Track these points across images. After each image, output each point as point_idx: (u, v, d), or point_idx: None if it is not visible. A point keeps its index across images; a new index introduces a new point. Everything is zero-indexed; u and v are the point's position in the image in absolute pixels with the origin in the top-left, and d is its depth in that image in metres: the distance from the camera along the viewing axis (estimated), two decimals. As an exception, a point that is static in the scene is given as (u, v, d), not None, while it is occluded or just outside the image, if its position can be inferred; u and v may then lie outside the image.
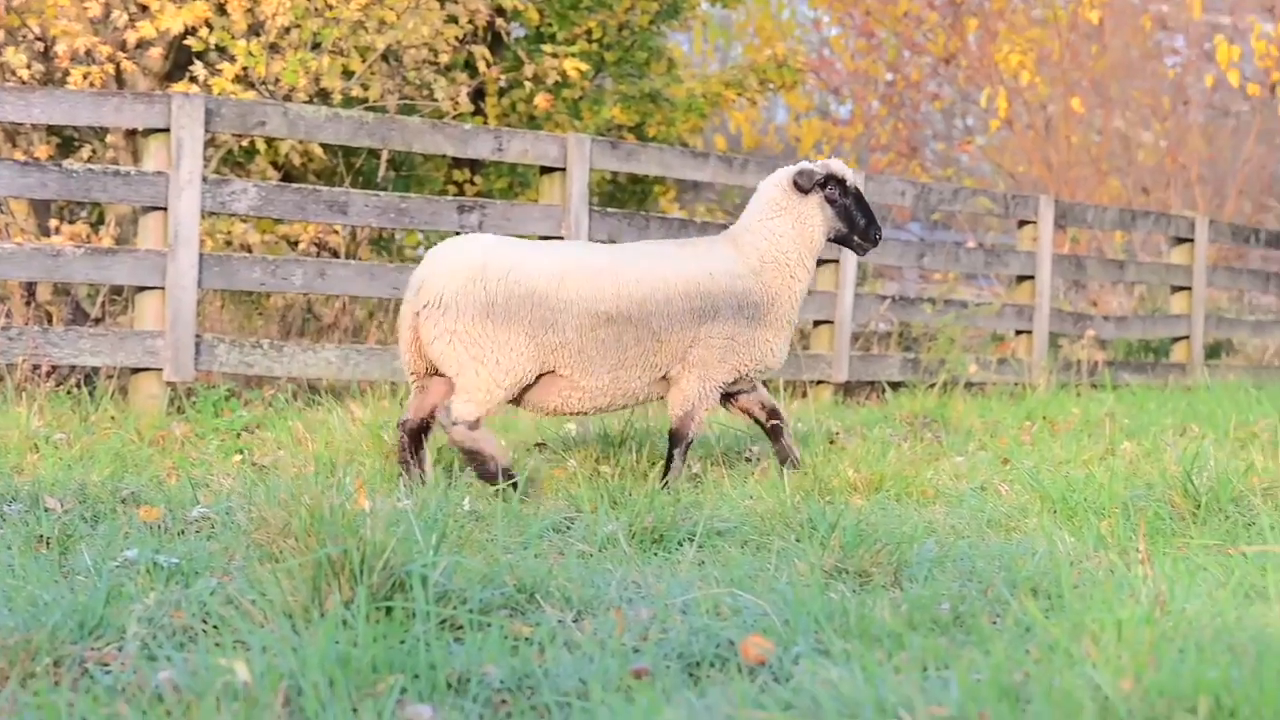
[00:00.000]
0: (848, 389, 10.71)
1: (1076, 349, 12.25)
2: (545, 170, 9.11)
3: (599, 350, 5.77)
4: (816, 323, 10.59)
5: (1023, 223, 11.91)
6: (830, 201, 6.09)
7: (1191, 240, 13.03)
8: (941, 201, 11.72)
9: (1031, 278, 11.67)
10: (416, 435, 5.86)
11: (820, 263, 10.50)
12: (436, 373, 5.80)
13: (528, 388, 5.81)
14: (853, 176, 6.21)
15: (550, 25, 11.95)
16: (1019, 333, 11.76)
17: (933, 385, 10.22)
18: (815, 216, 6.07)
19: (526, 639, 3.56)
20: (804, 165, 6.18)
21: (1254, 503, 5.29)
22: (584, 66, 11.51)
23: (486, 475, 5.64)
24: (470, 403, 5.66)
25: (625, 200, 12.77)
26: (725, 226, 10.09)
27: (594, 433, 6.54)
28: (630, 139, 12.11)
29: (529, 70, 11.38)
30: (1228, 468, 5.67)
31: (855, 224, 6.13)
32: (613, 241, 10.40)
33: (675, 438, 6.10)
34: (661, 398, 6.16)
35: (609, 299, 5.76)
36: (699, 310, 5.92)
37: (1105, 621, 3.42)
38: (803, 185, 6.04)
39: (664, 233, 9.47)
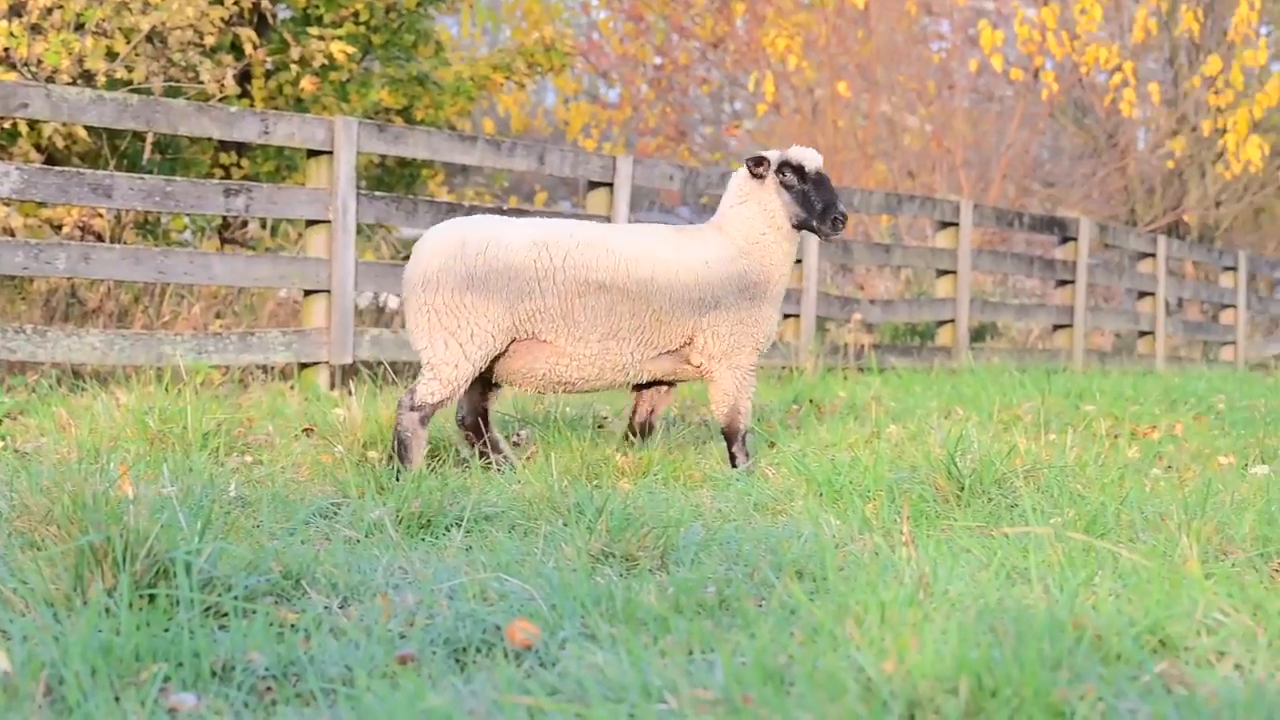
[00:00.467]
0: (619, 375, 10.76)
1: (843, 332, 12.40)
2: (312, 153, 9.02)
3: (594, 315, 5.92)
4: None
5: None
6: (786, 187, 6.18)
7: (956, 224, 13.28)
8: (709, 185, 11.75)
9: (799, 261, 11.73)
10: (476, 428, 6.13)
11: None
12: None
13: (500, 358, 5.96)
14: (813, 162, 6.26)
15: (317, 7, 11.77)
16: (786, 316, 11.80)
17: (701, 369, 10.32)
18: (774, 201, 6.19)
19: (292, 626, 3.56)
20: (762, 152, 6.32)
21: (1016, 485, 5.39)
22: (351, 49, 11.48)
23: (399, 460, 5.80)
24: (435, 380, 5.83)
25: (393, 184, 12.65)
26: (495, 209, 10.10)
27: (361, 418, 6.39)
28: (398, 122, 12.04)
29: (295, 53, 11.28)
30: (991, 450, 5.76)
31: (813, 209, 6.18)
32: (381, 224, 10.27)
33: (729, 435, 6.31)
34: (658, 382, 6.37)
35: (603, 268, 5.92)
36: (702, 300, 6.11)
37: (869, 604, 3.47)
38: (755, 171, 6.20)
39: (433, 216, 9.38)
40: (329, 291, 8.96)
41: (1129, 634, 3.41)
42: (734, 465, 6.25)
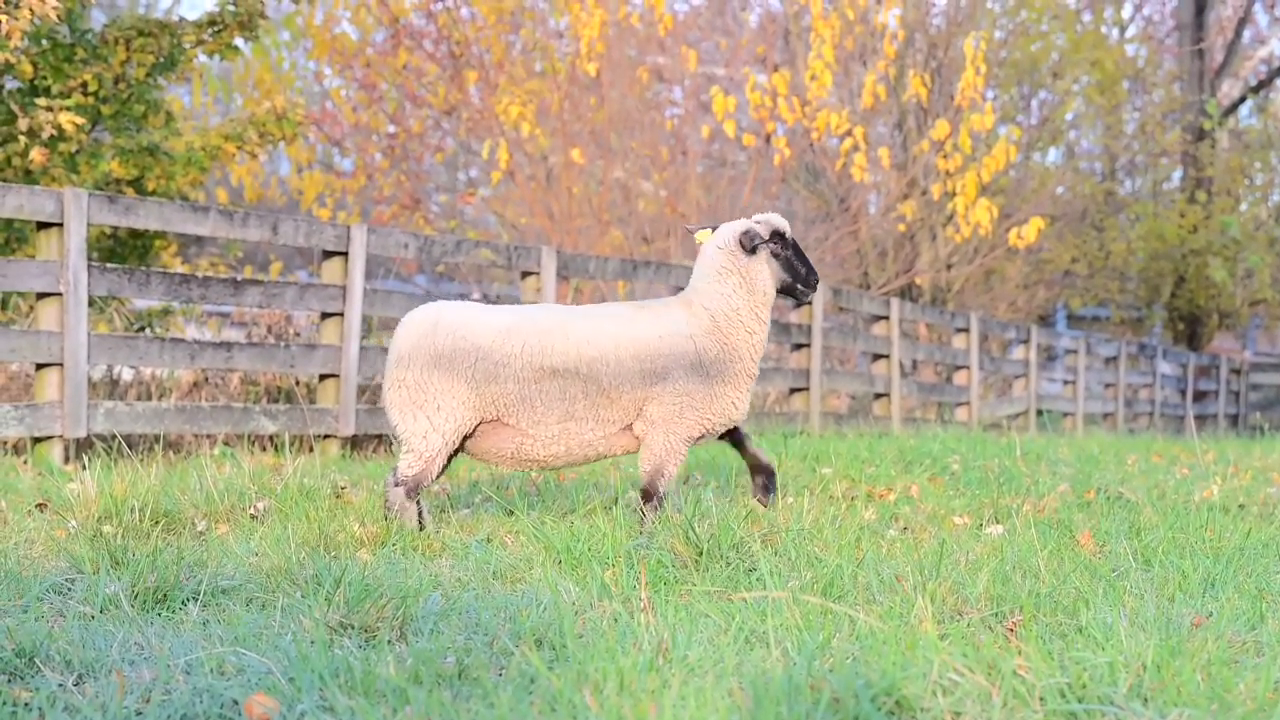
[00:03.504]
0: (355, 442, 10.89)
1: None
2: (42, 225, 9.14)
3: (551, 401, 6.38)
4: (322, 376, 10.74)
5: (526, 274, 12.29)
6: (775, 256, 6.65)
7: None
8: (445, 254, 11.97)
9: None
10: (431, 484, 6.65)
11: (324, 316, 10.69)
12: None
13: (468, 437, 6.48)
14: (789, 228, 6.67)
15: (44, 78, 11.66)
16: None
17: (441, 438, 10.47)
18: (763, 272, 6.63)
19: (25, 704, 3.57)
20: (747, 226, 6.66)
21: (754, 549, 5.56)
22: (80, 120, 11.49)
23: (389, 516, 6.36)
24: (410, 453, 6.39)
25: (126, 255, 12.58)
26: (229, 280, 10.16)
27: (95, 492, 6.42)
28: (130, 193, 12.01)
29: (23, 124, 11.29)
30: (729, 515, 6.01)
31: (798, 273, 6.69)
32: (114, 296, 10.30)
33: (646, 495, 6.69)
34: (630, 452, 6.74)
35: (558, 354, 6.38)
36: (649, 371, 6.47)
37: (608, 671, 3.60)
38: (748, 245, 6.57)
39: (165, 288, 9.50)
40: (61, 364, 9.04)
41: (865, 696, 3.51)
42: (642, 525, 6.49)
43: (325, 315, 10.76)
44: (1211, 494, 8.86)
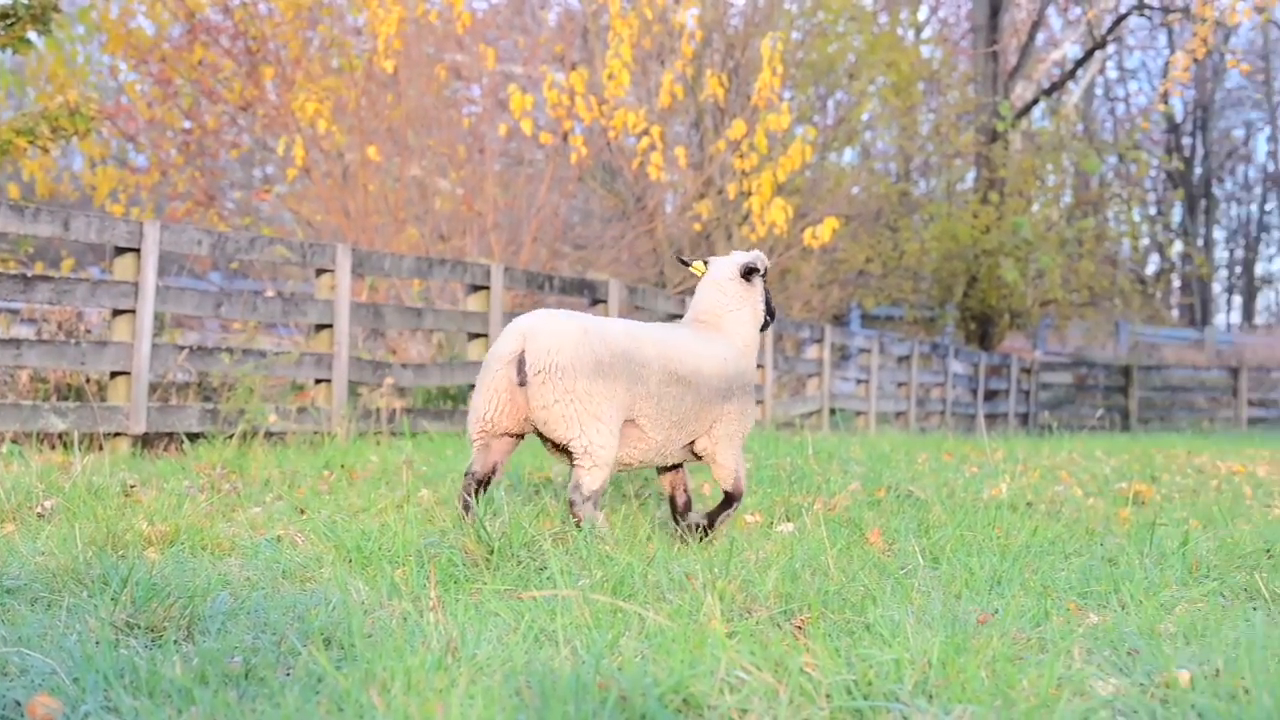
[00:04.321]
0: (146, 440, 10.97)
1: (376, 397, 12.77)
2: None
3: (671, 404, 6.77)
4: (113, 374, 10.79)
5: (320, 271, 12.42)
6: (765, 290, 7.32)
7: (488, 287, 13.86)
8: (239, 250, 12.04)
9: (330, 326, 12.21)
10: (483, 484, 6.62)
11: (116, 313, 10.81)
12: (505, 434, 6.60)
13: None
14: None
15: None
16: (319, 381, 12.23)
17: (232, 435, 10.62)
18: (760, 303, 7.25)
19: None
20: (748, 257, 7.25)
21: (545, 547, 5.66)
22: None
23: (590, 528, 6.35)
24: (596, 468, 6.45)
25: (-86, 252, 12.50)
26: (19, 277, 10.24)
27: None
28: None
29: None
30: (520, 513, 6.12)
31: (770, 304, 7.34)
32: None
33: (732, 498, 7.11)
34: (678, 463, 7.16)
35: (678, 362, 6.80)
36: (724, 390, 7.00)
37: (395, 670, 3.68)
38: (748, 276, 7.18)
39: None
40: None
41: (653, 694, 3.58)
42: (706, 527, 6.99)
43: (117, 312, 10.81)
44: (1000, 492, 9.14)
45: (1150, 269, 50.38)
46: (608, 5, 19.82)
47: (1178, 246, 52.23)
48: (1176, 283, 55.36)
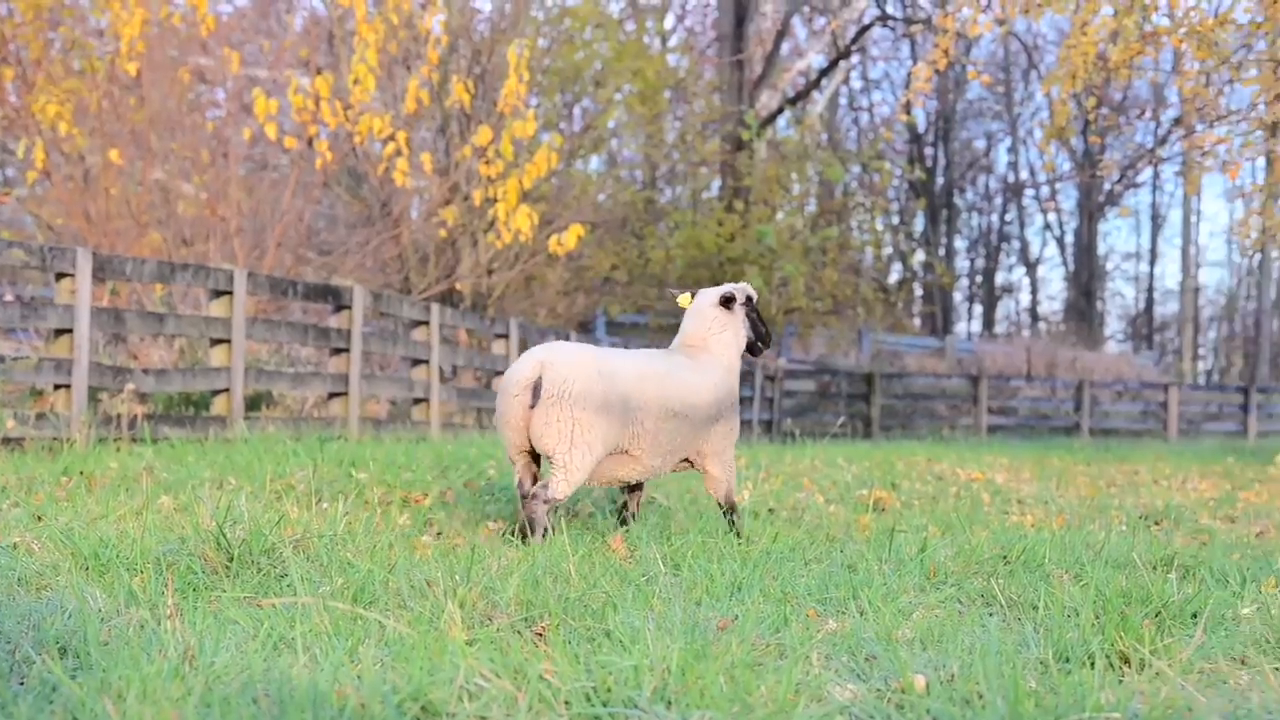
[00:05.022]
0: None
1: (117, 402, 12.71)
2: None
3: (666, 436, 7.67)
4: None
5: (60, 275, 12.31)
6: (748, 316, 8.26)
7: (231, 293, 13.90)
8: (-25, 253, 11.86)
9: (70, 331, 12.15)
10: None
11: None
12: (529, 452, 7.45)
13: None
14: (756, 295, 8.37)
15: None
16: (58, 387, 12.15)
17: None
18: (743, 328, 8.24)
19: None
20: (729, 288, 8.24)
21: (285, 554, 5.72)
22: None
23: (531, 534, 7.15)
24: (564, 482, 7.25)
25: None
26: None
27: None
28: None
29: None
30: (261, 520, 6.17)
31: (759, 331, 8.32)
32: None
33: (732, 508, 8.09)
34: (637, 486, 8.13)
35: (677, 399, 7.70)
36: (714, 415, 7.95)
37: (131, 679, 3.68)
38: (727, 304, 8.15)
39: None
40: None
41: (391, 702, 3.63)
42: (737, 532, 7.88)
43: None
44: (743, 499, 9.37)
45: (893, 278, 51.63)
46: (353, 10, 19.94)
47: (920, 255, 53.63)
48: (919, 291, 56.83)
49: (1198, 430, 34.89)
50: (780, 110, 36.61)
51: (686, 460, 8.07)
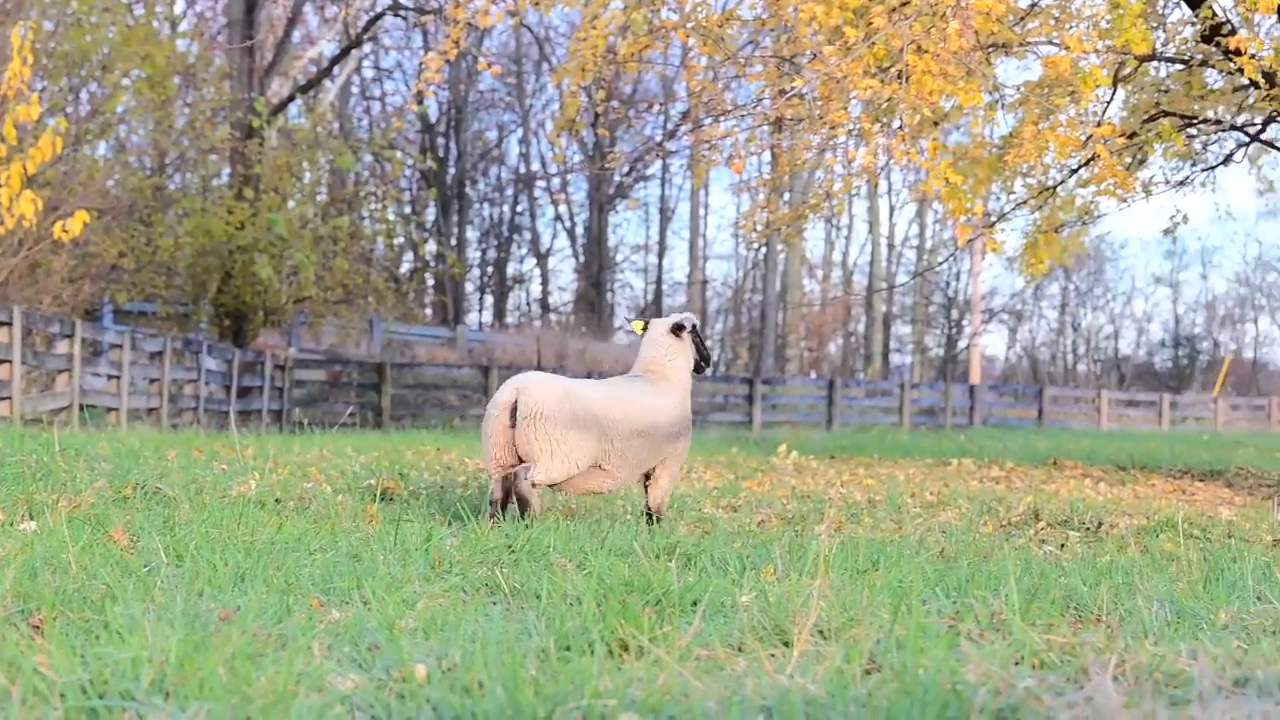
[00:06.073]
0: None
1: None
2: None
3: (632, 453, 9.19)
4: None
5: None
6: (695, 342, 9.72)
7: None
8: None
9: None
10: (503, 507, 9.00)
11: None
12: (508, 466, 8.91)
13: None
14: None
15: None
16: None
17: None
18: (691, 352, 9.72)
19: None
20: (678, 318, 9.71)
21: None
22: None
23: (526, 511, 8.76)
24: (544, 475, 8.84)
25: None
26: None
27: None
28: None
29: None
30: None
31: (704, 353, 9.80)
32: None
33: (659, 515, 9.60)
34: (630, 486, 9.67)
35: (642, 420, 9.21)
36: (673, 433, 9.44)
37: None
38: (677, 332, 9.64)
39: None
40: None
41: None
42: (657, 522, 9.42)
43: None
44: (249, 489, 9.52)
45: (404, 268, 52.39)
46: None
47: (431, 246, 54.47)
48: (430, 281, 58.07)
49: (705, 420, 35.97)
50: (292, 98, 37.01)
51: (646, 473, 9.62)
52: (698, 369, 9.89)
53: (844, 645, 4.86)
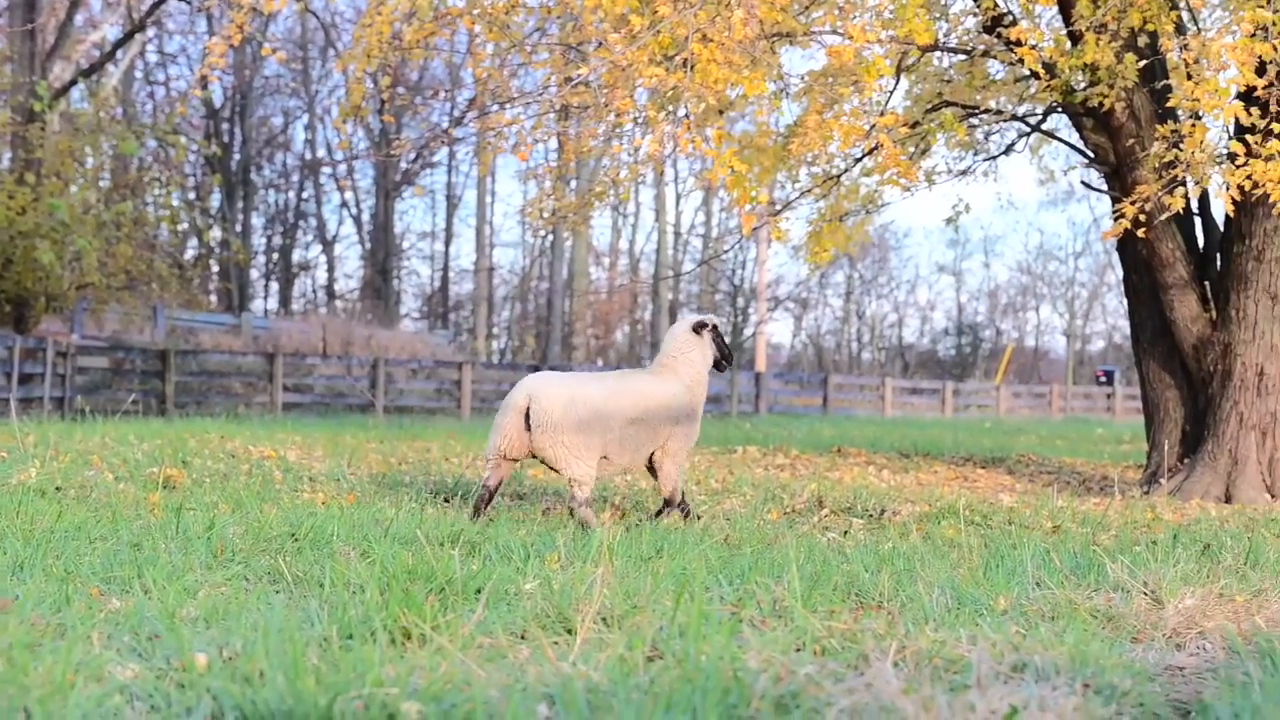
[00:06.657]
0: None
1: None
2: None
3: (631, 440, 9.89)
4: None
5: None
6: (715, 340, 10.39)
7: None
8: None
9: None
10: (492, 495, 9.76)
11: None
12: (510, 460, 9.79)
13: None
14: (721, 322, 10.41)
15: None
16: None
17: None
18: (710, 348, 10.42)
19: None
20: (700, 316, 10.34)
21: None
22: None
23: (588, 528, 9.15)
24: (583, 487, 9.66)
25: None
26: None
27: None
28: None
29: None
30: None
31: (725, 352, 10.52)
32: None
33: (671, 501, 10.29)
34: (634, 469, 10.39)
35: (637, 408, 9.91)
36: (672, 418, 10.06)
37: None
38: (698, 330, 10.30)
39: None
40: None
41: None
42: (680, 515, 10.14)
43: None
44: (29, 477, 9.60)
45: (189, 254, 52.01)
46: None
47: (216, 232, 53.93)
48: (215, 268, 57.66)
49: (491, 408, 36.03)
50: (74, 82, 36.58)
51: (650, 460, 10.29)
52: (719, 367, 10.64)
53: (627, 633, 4.92)
